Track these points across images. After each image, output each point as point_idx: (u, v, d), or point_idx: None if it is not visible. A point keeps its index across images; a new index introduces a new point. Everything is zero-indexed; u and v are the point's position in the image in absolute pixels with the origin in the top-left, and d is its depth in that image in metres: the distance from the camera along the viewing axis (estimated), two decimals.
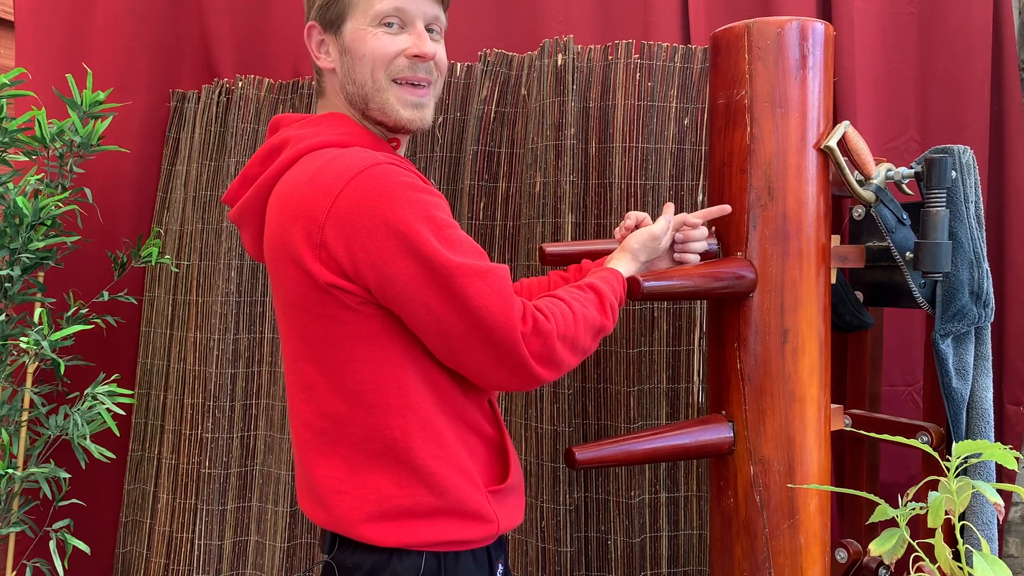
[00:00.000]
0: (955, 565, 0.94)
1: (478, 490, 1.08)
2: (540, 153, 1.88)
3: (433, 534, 1.05)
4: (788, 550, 1.33)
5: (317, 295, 1.01)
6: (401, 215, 0.97)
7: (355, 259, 0.98)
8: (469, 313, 0.98)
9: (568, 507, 1.83)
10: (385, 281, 0.98)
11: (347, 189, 0.98)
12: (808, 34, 1.33)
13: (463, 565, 1.07)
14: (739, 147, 1.35)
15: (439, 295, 0.97)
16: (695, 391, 1.88)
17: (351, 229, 0.97)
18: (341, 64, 1.11)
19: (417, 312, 0.99)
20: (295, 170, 1.05)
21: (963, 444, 0.93)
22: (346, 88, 1.11)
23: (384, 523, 1.04)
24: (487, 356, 1.01)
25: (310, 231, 0.99)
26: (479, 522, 1.07)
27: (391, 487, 1.04)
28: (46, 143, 1.98)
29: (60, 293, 2.20)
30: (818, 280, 1.35)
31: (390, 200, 0.97)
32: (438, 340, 1.01)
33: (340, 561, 1.08)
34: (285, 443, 2.11)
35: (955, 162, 1.44)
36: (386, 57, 1.08)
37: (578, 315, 1.08)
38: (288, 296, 1.06)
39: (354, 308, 1.01)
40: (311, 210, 0.99)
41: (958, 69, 1.91)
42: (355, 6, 1.09)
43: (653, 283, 1.23)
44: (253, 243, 1.17)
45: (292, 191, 1.03)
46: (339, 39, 1.11)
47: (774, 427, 1.33)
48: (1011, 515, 2.12)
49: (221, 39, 2.27)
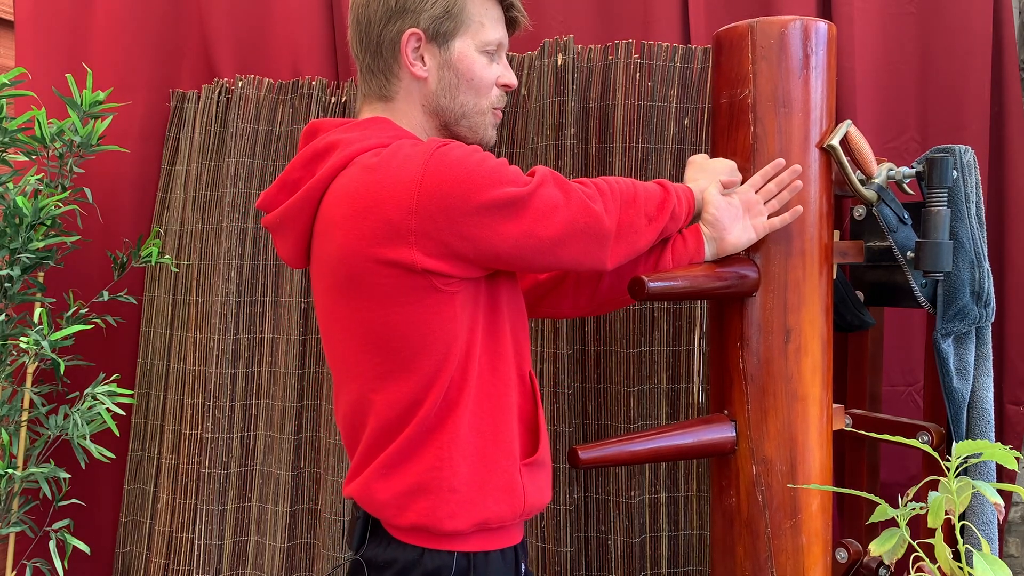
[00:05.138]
0: (955, 565, 0.94)
1: (512, 462, 1.09)
2: (540, 153, 1.88)
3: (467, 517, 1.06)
4: (790, 549, 1.33)
5: (409, 283, 1.03)
6: (482, 190, 1.01)
7: (449, 239, 1.00)
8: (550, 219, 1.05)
9: (568, 507, 1.83)
10: (485, 250, 1.02)
11: (427, 174, 1.00)
12: (811, 33, 1.33)
13: (492, 565, 1.08)
14: (743, 146, 1.35)
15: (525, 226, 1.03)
16: (695, 391, 1.87)
17: (440, 211, 1.00)
18: (440, 78, 1.13)
19: (520, 252, 1.04)
20: (352, 171, 1.05)
21: (963, 444, 0.93)
22: (440, 101, 1.14)
23: (416, 506, 1.06)
24: (578, 243, 1.07)
25: (396, 222, 1.00)
26: (508, 496, 1.09)
27: (432, 461, 1.06)
28: (46, 143, 1.98)
29: (60, 293, 2.20)
30: (821, 279, 1.35)
31: (468, 176, 1.00)
32: (533, 258, 1.06)
33: (371, 558, 1.09)
34: (285, 443, 2.11)
35: (956, 162, 1.44)
36: (491, 86, 1.16)
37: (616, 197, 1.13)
38: (359, 292, 1.06)
39: (442, 289, 1.03)
40: (394, 201, 1.00)
41: (958, 69, 1.91)
42: (467, 27, 1.12)
43: (658, 283, 1.23)
44: (294, 248, 1.16)
45: (360, 189, 1.03)
46: (444, 54, 1.13)
47: (776, 427, 1.33)
48: (1011, 515, 2.12)
49: (221, 39, 2.26)
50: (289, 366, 2.11)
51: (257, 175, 2.15)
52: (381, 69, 1.14)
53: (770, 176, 1.30)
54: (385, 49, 1.12)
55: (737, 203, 1.27)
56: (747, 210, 1.28)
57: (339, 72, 2.19)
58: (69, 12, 2.28)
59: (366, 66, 1.15)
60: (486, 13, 1.14)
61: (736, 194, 1.28)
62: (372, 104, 1.17)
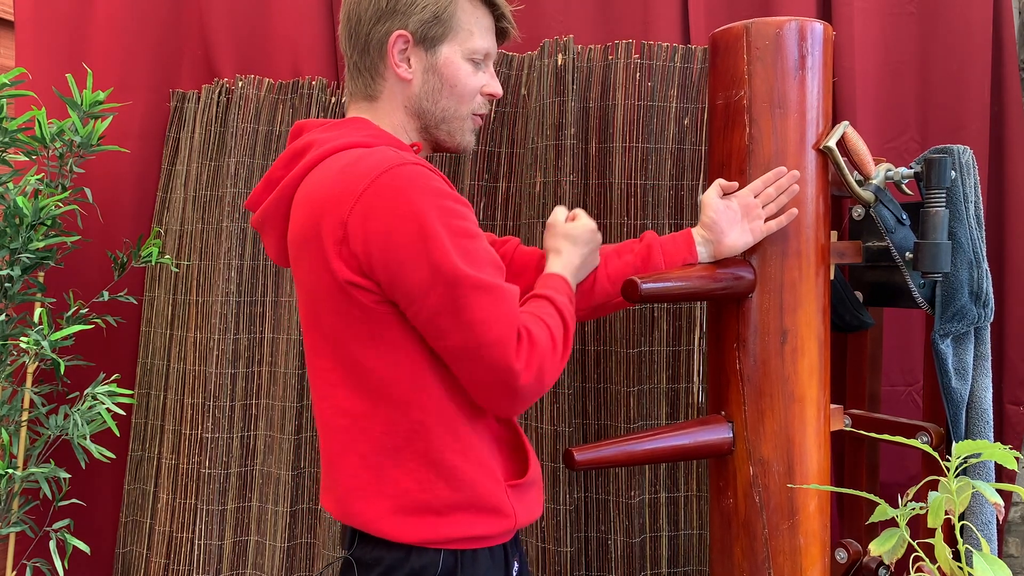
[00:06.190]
0: (955, 565, 0.94)
1: (497, 484, 1.09)
2: (540, 153, 1.88)
3: (451, 530, 1.05)
4: (787, 550, 1.33)
5: (337, 292, 1.02)
6: (421, 217, 0.98)
7: (371, 256, 0.99)
8: (467, 327, 0.98)
9: (568, 507, 1.83)
10: (396, 279, 0.99)
11: (372, 187, 0.99)
12: (807, 34, 1.33)
13: (480, 562, 1.08)
14: (738, 148, 1.34)
15: (442, 302, 0.98)
16: (695, 391, 1.87)
17: (371, 226, 0.98)
18: (424, 81, 1.13)
19: (420, 315, 1.00)
20: (320, 169, 1.07)
21: (963, 444, 0.93)
22: (422, 104, 1.14)
23: (403, 519, 1.05)
24: (476, 374, 1.01)
25: (334, 227, 1.00)
26: (497, 516, 1.08)
27: (410, 483, 1.05)
28: (46, 143, 1.98)
29: (60, 293, 2.20)
30: (817, 280, 1.35)
31: (411, 202, 0.98)
32: (434, 344, 1.02)
33: (359, 557, 1.09)
34: (285, 443, 2.11)
35: (955, 162, 1.43)
36: (474, 94, 1.16)
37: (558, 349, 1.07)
38: (311, 292, 1.07)
39: (370, 307, 1.02)
40: (336, 207, 1.00)
41: (958, 69, 1.91)
42: (456, 33, 1.13)
43: (651, 284, 1.23)
44: (276, 247, 1.17)
45: (318, 189, 1.04)
46: (430, 58, 1.13)
47: (773, 427, 1.33)
48: (1011, 515, 2.12)
49: (221, 39, 2.26)
50: (289, 366, 2.11)
51: (257, 175, 2.15)
52: (367, 67, 1.14)
53: (771, 182, 1.31)
54: (372, 48, 1.13)
55: (736, 207, 1.29)
56: (745, 214, 1.29)
57: (339, 72, 2.19)
58: (69, 12, 2.29)
59: (353, 63, 1.16)
60: (476, 22, 1.15)
61: (735, 198, 1.30)
62: (358, 103, 1.17)
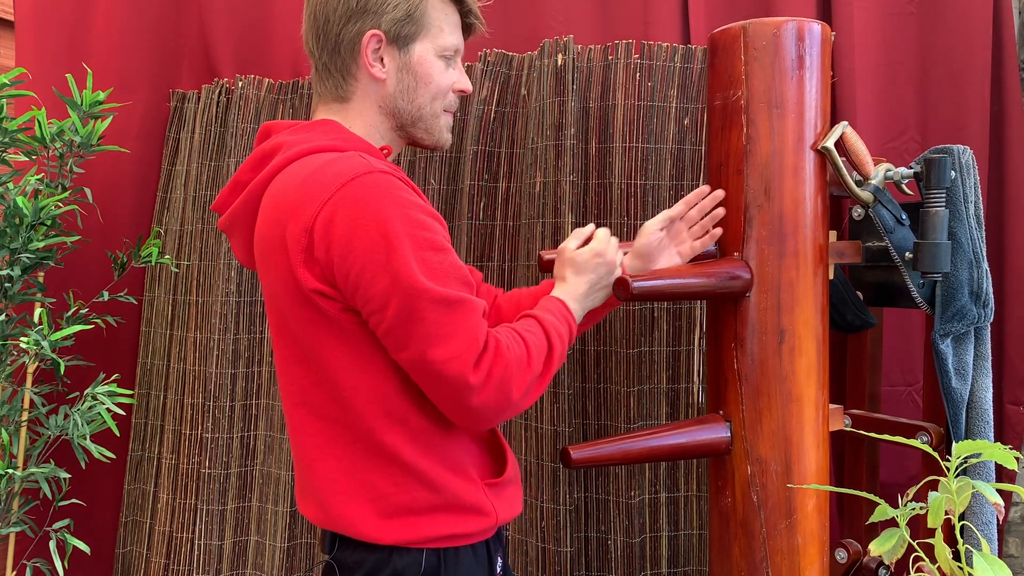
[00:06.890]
0: (955, 565, 0.94)
1: (474, 484, 1.08)
2: (540, 153, 1.88)
3: (432, 529, 1.05)
4: (785, 550, 1.33)
5: (303, 300, 1.01)
6: (384, 226, 0.96)
7: (334, 264, 0.98)
8: (423, 340, 0.97)
9: (568, 507, 1.83)
10: (358, 288, 0.98)
11: (338, 195, 0.98)
12: (805, 35, 1.33)
13: (463, 560, 1.08)
14: (735, 148, 1.34)
15: (400, 313, 0.96)
16: (695, 391, 1.87)
17: (335, 233, 0.97)
18: (398, 80, 1.12)
19: (381, 326, 0.99)
20: (287, 174, 1.05)
21: (963, 444, 0.92)
22: (397, 103, 1.13)
23: (382, 521, 1.05)
24: (431, 388, 1.01)
25: (299, 235, 0.99)
26: (477, 515, 1.08)
27: (387, 485, 1.04)
28: (46, 143, 1.98)
29: (60, 293, 2.20)
30: (815, 280, 1.35)
31: (376, 211, 0.97)
32: (394, 355, 1.01)
33: (341, 560, 1.08)
34: (285, 443, 2.11)
35: (954, 162, 1.43)
36: (447, 91, 1.16)
37: (534, 366, 1.04)
38: (277, 300, 1.06)
39: (335, 315, 1.01)
40: (301, 213, 0.99)
41: (958, 69, 1.91)
42: (427, 31, 1.12)
43: (643, 283, 1.22)
44: (244, 249, 1.16)
45: (285, 194, 1.03)
46: (403, 56, 1.12)
47: (771, 427, 1.33)
48: (1011, 515, 2.12)
49: (221, 39, 2.26)
50: None
51: None
52: (338, 68, 1.12)
53: (692, 203, 1.35)
54: (344, 48, 1.11)
55: (665, 236, 1.35)
56: (673, 238, 1.35)
57: None
58: (69, 12, 2.29)
59: (322, 64, 1.13)
60: (446, 18, 1.14)
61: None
62: (327, 105, 1.15)
